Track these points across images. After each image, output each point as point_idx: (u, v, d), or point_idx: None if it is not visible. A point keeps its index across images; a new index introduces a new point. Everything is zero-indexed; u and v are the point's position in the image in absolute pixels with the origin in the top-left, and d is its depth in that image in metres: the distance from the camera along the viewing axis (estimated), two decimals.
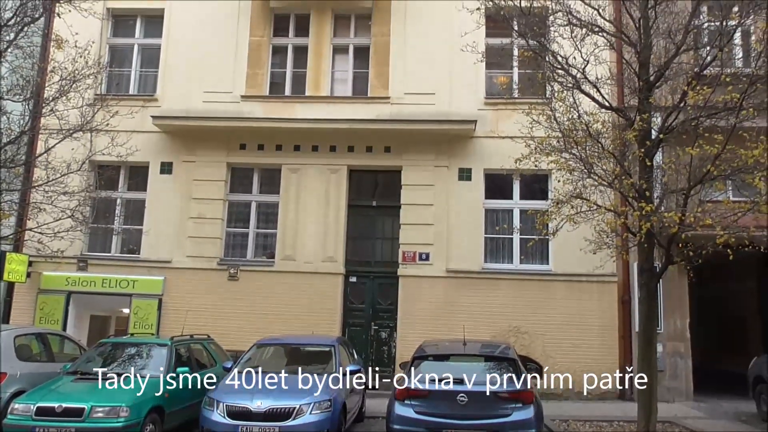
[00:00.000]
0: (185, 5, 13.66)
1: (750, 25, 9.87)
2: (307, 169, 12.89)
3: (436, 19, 13.02)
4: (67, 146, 11.07)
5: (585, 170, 8.87)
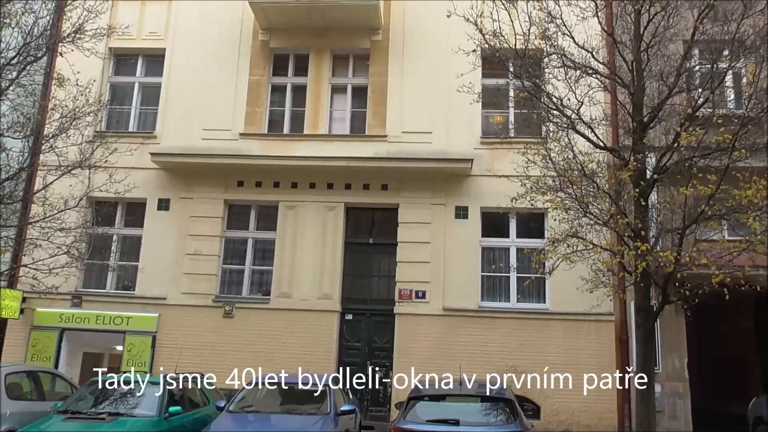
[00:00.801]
0: (186, 45, 13.89)
1: (740, 68, 10.07)
2: (304, 206, 12.93)
3: (433, 60, 13.23)
4: (65, 183, 11.11)
5: (580, 209, 8.94)
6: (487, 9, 9.89)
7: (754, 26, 8.85)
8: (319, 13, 13.12)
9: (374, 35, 13.54)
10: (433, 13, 13.01)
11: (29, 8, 10.33)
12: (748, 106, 8.53)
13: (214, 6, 14.00)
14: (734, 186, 8.21)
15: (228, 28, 13.92)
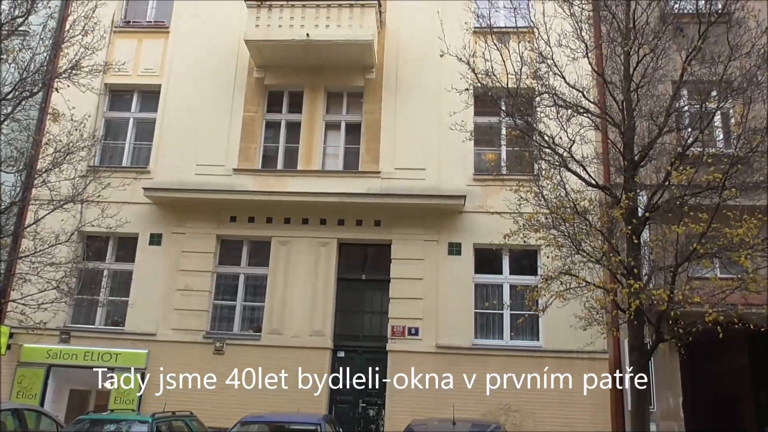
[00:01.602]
0: (182, 81, 14.02)
1: (729, 108, 10.24)
2: (297, 242, 12.90)
3: (426, 98, 13.39)
4: (56, 217, 11.07)
5: (573, 247, 8.96)
6: (479, 49, 10.10)
7: (741, 68, 9.03)
8: (313, 52, 13.30)
9: (368, 73, 13.72)
10: (426, 53, 13.24)
11: (27, 44, 10.44)
12: (737, 145, 8.64)
13: (210, 43, 14.19)
14: (725, 224, 8.27)
15: (223, 65, 14.08)
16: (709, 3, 9.44)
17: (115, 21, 14.50)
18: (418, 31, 13.73)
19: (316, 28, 13.06)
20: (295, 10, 13.22)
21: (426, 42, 13.23)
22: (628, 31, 9.42)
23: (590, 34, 10.05)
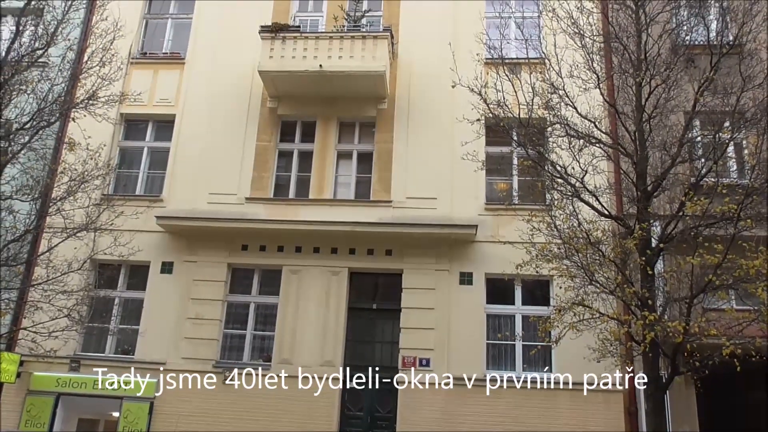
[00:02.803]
0: (196, 111, 14.19)
1: (742, 138, 10.22)
2: (308, 271, 12.87)
3: (437, 128, 13.46)
4: (69, 245, 11.13)
5: (586, 277, 8.88)
6: (491, 80, 10.16)
7: (754, 99, 9.03)
8: (326, 82, 13.44)
9: (380, 104, 13.82)
10: (438, 83, 13.33)
11: (46, 76, 10.64)
12: (752, 176, 8.59)
13: (224, 74, 14.38)
14: (741, 255, 8.19)
15: (237, 96, 14.24)
16: (720, 35, 9.47)
17: (132, 52, 14.75)
18: (430, 62, 13.85)
19: (329, 59, 13.21)
20: (309, 42, 13.40)
21: (438, 73, 13.33)
22: (639, 62, 9.46)
23: (602, 65, 10.11)
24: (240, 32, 14.58)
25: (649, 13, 9.72)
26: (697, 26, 10.03)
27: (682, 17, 10.51)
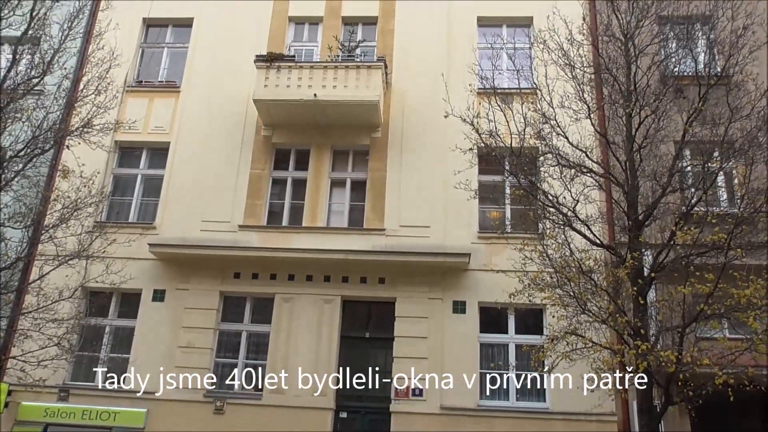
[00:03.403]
0: (191, 139, 14.27)
1: (731, 168, 10.33)
2: (301, 299, 12.82)
3: (430, 157, 13.56)
4: (61, 273, 11.07)
5: (579, 306, 8.89)
6: (483, 110, 10.28)
7: (742, 129, 9.15)
8: (321, 111, 13.56)
9: (374, 132, 13.93)
10: (431, 113, 13.49)
11: (41, 104, 10.70)
12: (741, 206, 8.67)
13: (219, 102, 14.50)
14: (732, 284, 8.22)
15: (232, 124, 14.34)
16: (708, 66, 9.64)
17: (128, 81, 14.86)
18: (424, 92, 14.03)
19: (324, 88, 13.34)
20: (303, 71, 13.54)
21: (431, 102, 13.50)
22: (629, 93, 9.61)
23: (592, 95, 10.25)
24: (235, 61, 14.76)
25: (638, 46, 9.90)
26: (685, 58, 10.22)
27: (671, 49, 10.72)
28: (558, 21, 10.55)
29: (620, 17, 10.09)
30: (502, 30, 14.75)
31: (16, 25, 10.73)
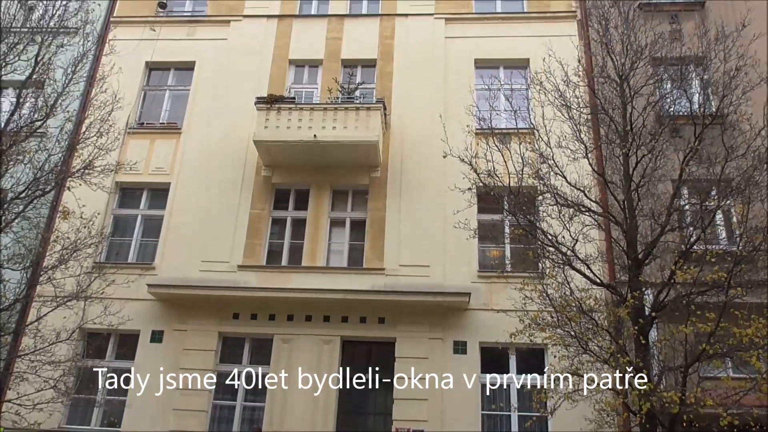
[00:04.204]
0: (191, 180, 14.36)
1: (729, 206, 10.37)
2: (300, 340, 12.71)
3: (430, 196, 13.63)
4: (59, 314, 10.99)
5: (580, 346, 8.82)
6: (481, 150, 10.38)
7: (738, 168, 9.22)
8: (320, 152, 13.68)
9: (373, 172, 14.03)
10: (429, 153, 13.62)
11: (43, 146, 10.81)
12: (740, 244, 8.68)
13: (219, 143, 14.64)
14: (733, 323, 8.18)
15: (232, 164, 14.45)
16: (703, 107, 9.77)
17: (130, 123, 15.03)
18: (422, 133, 14.19)
19: (324, 129, 13.47)
20: (303, 113, 13.71)
21: (430, 143, 13.64)
22: (625, 133, 9.73)
23: (589, 135, 10.38)
24: (236, 103, 14.97)
25: (633, 86, 10.07)
26: (680, 98, 10.37)
27: (665, 90, 10.88)
28: (554, 63, 10.74)
29: (615, 59, 10.29)
30: (499, 71, 15.01)
31: (21, 69, 10.89)
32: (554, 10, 15.64)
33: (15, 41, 10.95)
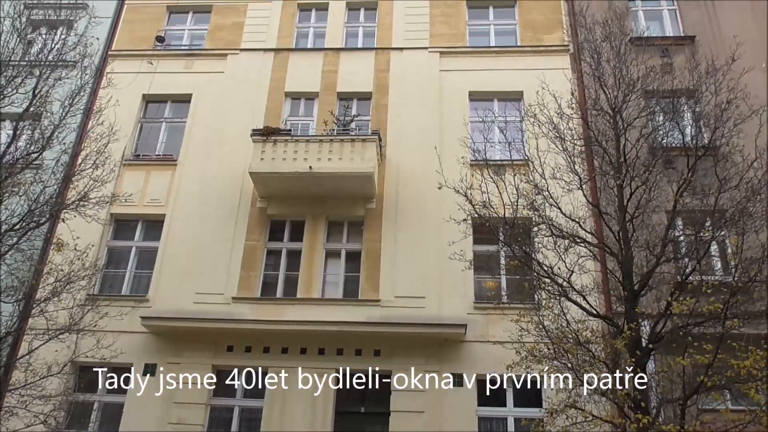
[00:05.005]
0: (186, 211, 14.35)
1: (724, 237, 10.40)
2: (294, 373, 12.56)
3: (425, 227, 13.64)
4: (50, 347, 10.85)
5: (578, 378, 8.75)
6: (476, 182, 10.44)
7: (732, 199, 9.27)
8: (316, 183, 13.72)
9: (369, 203, 14.05)
10: (425, 184, 13.67)
11: (39, 178, 10.80)
12: (736, 275, 8.69)
13: (215, 175, 14.68)
14: (731, 355, 8.14)
15: (228, 196, 14.46)
16: (695, 138, 9.86)
17: (126, 154, 15.07)
18: (417, 164, 14.26)
19: (319, 160, 13.54)
20: (299, 145, 13.78)
21: (425, 174, 13.70)
22: (619, 164, 9.79)
23: (583, 167, 10.45)
24: (232, 135, 15.06)
25: (626, 119, 10.16)
26: (673, 131, 10.48)
27: (658, 122, 11.00)
28: (547, 95, 10.84)
29: (607, 92, 10.41)
30: (493, 104, 15.16)
31: (19, 102, 10.94)
32: (547, 44, 15.89)
33: (13, 74, 11.01)
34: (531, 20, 16.48)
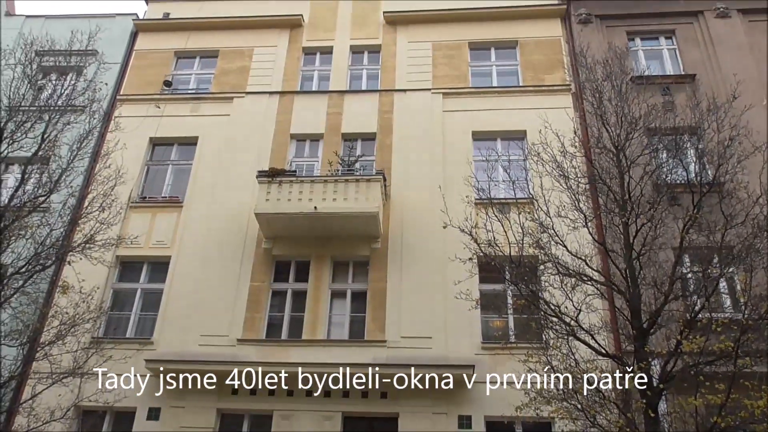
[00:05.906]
0: (191, 252, 14.38)
1: (732, 273, 10.30)
2: (300, 416, 12.36)
3: (431, 267, 13.58)
4: (54, 391, 10.75)
5: (588, 420, 8.58)
6: (480, 221, 10.42)
7: (738, 235, 9.22)
8: (321, 224, 13.74)
9: (374, 243, 14.04)
10: (429, 223, 13.67)
11: (46, 221, 10.85)
12: (745, 312, 8.58)
13: (221, 216, 14.73)
14: (744, 394, 7.99)
15: (233, 237, 14.48)
16: (699, 175, 9.86)
17: (132, 197, 15.18)
18: (422, 203, 14.29)
19: (324, 201, 13.59)
20: (304, 185, 13.86)
21: (429, 213, 13.71)
22: (624, 202, 9.77)
23: (588, 205, 10.42)
24: (238, 176, 15.18)
25: (629, 156, 10.19)
26: (676, 168, 10.48)
27: (661, 159, 11.01)
28: (550, 134, 10.92)
29: (610, 130, 10.46)
30: (496, 143, 15.26)
31: (28, 146, 11.07)
32: (549, 84, 16.09)
33: (23, 119, 11.17)
34: (532, 60, 16.72)
